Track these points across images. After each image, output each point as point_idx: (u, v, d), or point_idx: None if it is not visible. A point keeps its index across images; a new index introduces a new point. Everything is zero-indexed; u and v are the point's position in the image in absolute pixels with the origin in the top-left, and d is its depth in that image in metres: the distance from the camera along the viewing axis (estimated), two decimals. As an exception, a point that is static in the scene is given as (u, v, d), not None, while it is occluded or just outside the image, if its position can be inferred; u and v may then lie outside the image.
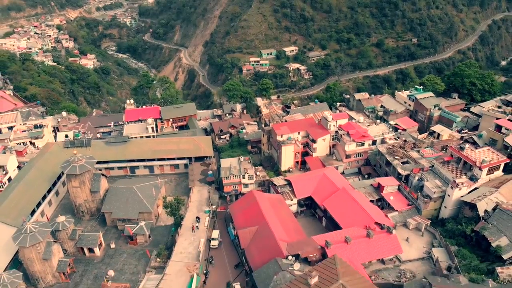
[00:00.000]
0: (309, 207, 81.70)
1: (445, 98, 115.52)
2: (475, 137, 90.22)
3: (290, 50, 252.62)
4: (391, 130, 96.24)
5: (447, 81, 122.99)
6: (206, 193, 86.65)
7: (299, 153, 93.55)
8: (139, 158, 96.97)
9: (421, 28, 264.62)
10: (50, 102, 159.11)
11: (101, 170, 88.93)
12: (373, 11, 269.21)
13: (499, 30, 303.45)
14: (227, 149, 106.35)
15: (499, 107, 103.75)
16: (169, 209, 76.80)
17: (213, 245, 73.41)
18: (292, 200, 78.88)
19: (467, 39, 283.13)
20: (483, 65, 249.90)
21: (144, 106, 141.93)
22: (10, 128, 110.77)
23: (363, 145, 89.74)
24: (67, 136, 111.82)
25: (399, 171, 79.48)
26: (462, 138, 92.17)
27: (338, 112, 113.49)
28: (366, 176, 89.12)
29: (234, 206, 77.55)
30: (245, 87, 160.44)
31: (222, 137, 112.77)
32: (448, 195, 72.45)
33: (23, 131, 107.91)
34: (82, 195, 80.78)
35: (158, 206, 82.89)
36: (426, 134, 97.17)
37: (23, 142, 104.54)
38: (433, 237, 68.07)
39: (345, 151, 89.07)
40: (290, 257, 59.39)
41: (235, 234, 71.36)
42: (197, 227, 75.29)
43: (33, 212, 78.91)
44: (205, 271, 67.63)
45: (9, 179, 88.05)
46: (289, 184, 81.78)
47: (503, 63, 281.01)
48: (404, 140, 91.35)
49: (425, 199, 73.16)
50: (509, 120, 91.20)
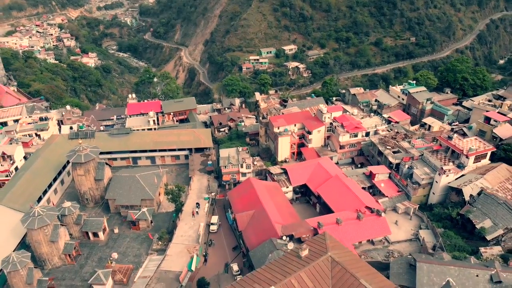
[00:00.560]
0: (304, 194, 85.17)
1: (438, 93, 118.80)
2: (465, 129, 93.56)
3: (289, 48, 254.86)
4: (384, 122, 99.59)
5: (440, 76, 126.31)
6: (205, 182, 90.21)
7: (295, 144, 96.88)
8: (141, 149, 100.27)
9: (419, 27, 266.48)
10: (53, 97, 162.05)
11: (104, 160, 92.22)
12: (371, 10, 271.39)
13: (497, 29, 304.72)
14: (226, 141, 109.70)
15: (490, 101, 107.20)
16: (170, 195, 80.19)
17: (212, 230, 76.99)
18: (287, 187, 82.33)
19: (465, 38, 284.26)
20: (481, 64, 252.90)
21: (145, 100, 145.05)
22: (15, 121, 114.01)
23: (356, 136, 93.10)
24: (71, 128, 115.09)
25: (390, 159, 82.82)
26: (452, 130, 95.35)
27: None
28: (359, 165, 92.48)
29: (232, 192, 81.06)
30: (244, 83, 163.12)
31: (221, 130, 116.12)
32: (436, 181, 75.86)
33: (28, 123, 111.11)
34: (86, 183, 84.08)
35: (159, 194, 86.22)
36: (417, 126, 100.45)
37: (29, 134, 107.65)
38: (421, 221, 71.58)
39: (339, 142, 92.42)
40: (284, 238, 63.00)
41: (233, 217, 74.84)
42: (197, 213, 78.86)
43: (40, 199, 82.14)
44: (204, 253, 71.11)
45: (16, 169, 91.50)
46: (285, 172, 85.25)
47: (501, 62, 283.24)
48: (396, 131, 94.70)
49: (414, 186, 76.54)
50: (499, 113, 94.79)
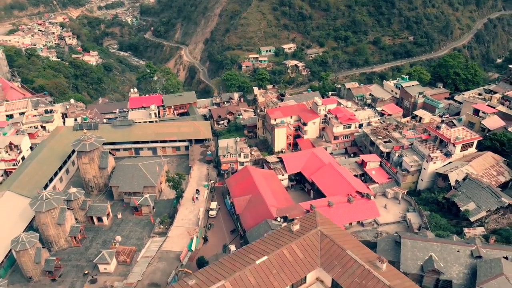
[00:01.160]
0: (299, 182, 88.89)
1: (431, 87, 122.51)
2: (455, 121, 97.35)
3: (288, 47, 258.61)
4: (377, 115, 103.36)
5: (432, 71, 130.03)
6: (205, 171, 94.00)
7: (291, 135, 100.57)
8: (143, 140, 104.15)
9: (417, 26, 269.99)
10: (57, 92, 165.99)
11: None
12: (370, 9, 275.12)
13: (495, 28, 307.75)
14: (225, 133, 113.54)
15: (480, 94, 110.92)
16: (172, 183, 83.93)
17: (211, 215, 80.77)
18: (283, 175, 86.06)
19: (463, 37, 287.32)
20: (478, 62, 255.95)
21: (147, 95, 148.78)
22: (21, 114, 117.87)
23: (350, 127, 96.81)
24: (76, 120, 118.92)
25: (381, 149, 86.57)
26: (442, 121, 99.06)
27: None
28: (352, 155, 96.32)
29: (230, 179, 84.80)
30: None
31: (220, 122, 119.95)
32: (424, 168, 79.66)
33: (34, 116, 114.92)
34: (91, 171, 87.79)
35: (161, 182, 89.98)
36: (409, 118, 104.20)
37: (35, 126, 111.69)
38: (409, 205, 75.35)
39: (333, 133, 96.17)
40: (279, 219, 66.74)
41: (231, 202, 78.59)
42: (197, 198, 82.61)
43: (46, 186, 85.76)
44: (203, 236, 74.86)
45: (23, 158, 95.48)
46: (281, 161, 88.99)
47: (499, 60, 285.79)
48: (388, 123, 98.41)
49: (404, 172, 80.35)
50: (488, 105, 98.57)
